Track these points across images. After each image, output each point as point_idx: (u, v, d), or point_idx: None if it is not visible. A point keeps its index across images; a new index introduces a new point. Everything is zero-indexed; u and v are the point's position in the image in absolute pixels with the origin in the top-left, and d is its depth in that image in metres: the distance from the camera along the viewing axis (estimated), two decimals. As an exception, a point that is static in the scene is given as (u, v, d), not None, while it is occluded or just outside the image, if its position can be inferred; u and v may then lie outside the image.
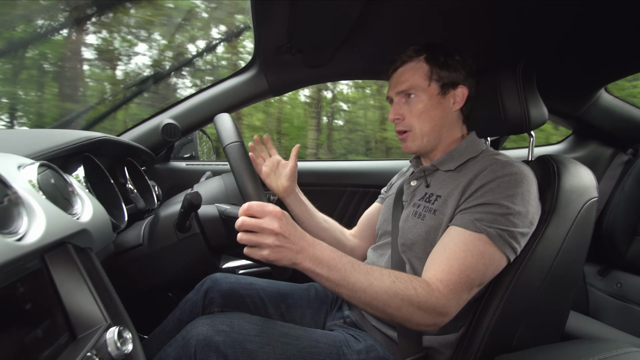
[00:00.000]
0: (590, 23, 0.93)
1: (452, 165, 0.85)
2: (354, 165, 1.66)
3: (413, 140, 0.88)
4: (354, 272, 0.65)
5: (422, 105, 0.86)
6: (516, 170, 0.75)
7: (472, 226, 0.71)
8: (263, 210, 0.62)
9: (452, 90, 0.87)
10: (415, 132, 0.87)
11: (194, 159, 1.65)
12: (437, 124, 0.87)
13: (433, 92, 0.86)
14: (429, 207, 0.82)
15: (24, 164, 0.57)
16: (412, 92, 0.86)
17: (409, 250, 0.83)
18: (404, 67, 0.88)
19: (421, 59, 0.86)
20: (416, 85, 0.85)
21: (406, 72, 0.87)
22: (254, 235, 0.61)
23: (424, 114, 0.86)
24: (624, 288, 1.37)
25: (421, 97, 0.86)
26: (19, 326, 0.41)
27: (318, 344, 0.77)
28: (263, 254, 0.62)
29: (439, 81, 0.85)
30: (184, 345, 0.69)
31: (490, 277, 0.74)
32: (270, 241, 0.61)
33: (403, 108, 0.88)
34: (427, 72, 0.85)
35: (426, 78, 0.85)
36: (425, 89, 0.85)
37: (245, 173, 0.68)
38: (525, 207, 0.73)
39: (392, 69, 0.90)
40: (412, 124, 0.87)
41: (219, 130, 0.74)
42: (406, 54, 0.88)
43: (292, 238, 0.62)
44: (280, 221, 0.61)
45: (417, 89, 0.85)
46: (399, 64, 0.89)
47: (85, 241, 0.58)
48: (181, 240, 0.83)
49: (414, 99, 0.86)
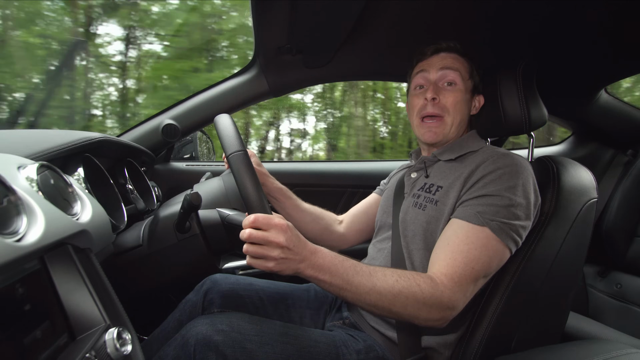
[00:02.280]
0: (590, 23, 0.93)
1: (452, 155, 0.86)
2: (354, 165, 1.66)
3: (443, 127, 0.88)
4: (356, 275, 0.66)
5: (461, 95, 0.87)
6: (516, 162, 0.76)
7: (474, 219, 0.72)
8: (269, 223, 0.62)
9: (476, 96, 0.91)
10: (447, 119, 0.87)
11: (193, 159, 1.65)
12: (463, 119, 0.89)
13: (468, 88, 0.89)
14: (430, 198, 0.82)
15: (24, 164, 0.57)
16: (454, 79, 0.87)
17: (410, 243, 0.83)
18: (449, 54, 0.89)
19: (463, 54, 0.89)
20: (463, 73, 0.87)
21: (450, 58, 0.88)
22: (259, 248, 0.61)
23: (459, 104, 0.87)
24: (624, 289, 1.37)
25: (460, 87, 0.87)
26: (18, 327, 0.41)
27: (317, 344, 0.77)
28: (268, 265, 0.62)
29: (472, 82, 0.89)
30: (183, 344, 0.69)
31: (495, 269, 0.74)
32: (276, 254, 0.61)
33: (441, 92, 0.87)
34: (469, 68, 0.89)
35: (468, 72, 0.88)
36: (465, 81, 0.88)
37: (250, 183, 0.67)
38: (527, 199, 0.73)
39: (435, 49, 0.90)
40: (448, 108, 0.87)
41: (221, 136, 0.73)
42: (450, 42, 0.89)
43: (296, 249, 0.63)
44: (285, 234, 0.61)
45: (460, 78, 0.87)
46: (444, 47, 0.89)
47: (84, 242, 0.58)
48: (181, 241, 0.83)
49: (454, 87, 0.87)
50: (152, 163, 1.39)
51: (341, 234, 1.09)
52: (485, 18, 0.96)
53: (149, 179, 1.17)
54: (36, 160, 0.60)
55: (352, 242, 1.11)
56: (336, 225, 1.10)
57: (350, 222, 1.11)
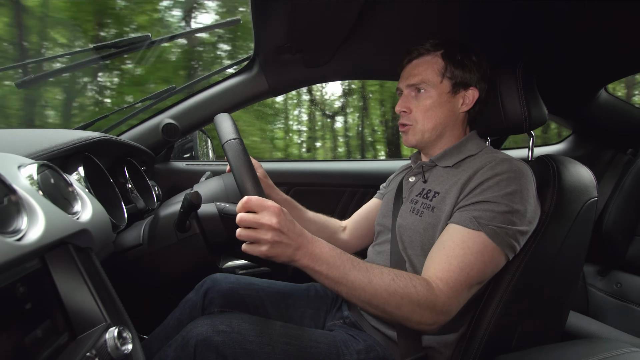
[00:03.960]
0: (590, 23, 0.93)
1: (450, 161, 0.85)
2: (354, 165, 1.66)
3: (413, 134, 0.88)
4: (353, 269, 0.65)
5: (431, 101, 0.85)
6: (515, 168, 0.75)
7: (471, 224, 0.71)
8: (261, 205, 0.61)
9: (462, 91, 0.86)
10: (417, 127, 0.87)
11: (194, 159, 1.65)
12: (441, 122, 0.87)
13: (443, 90, 0.85)
14: (426, 204, 0.82)
15: (24, 163, 0.57)
16: (423, 87, 0.85)
17: (408, 248, 0.83)
18: (419, 59, 0.87)
19: (438, 54, 0.86)
20: (428, 80, 0.85)
21: (420, 65, 0.86)
22: (252, 231, 0.61)
23: (431, 110, 0.86)
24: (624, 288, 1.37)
25: (430, 93, 0.85)
26: (19, 326, 0.41)
27: (318, 344, 0.77)
28: (261, 249, 0.61)
29: (451, 79, 0.85)
30: (183, 345, 0.69)
31: (489, 275, 0.74)
32: (269, 237, 0.60)
33: (411, 102, 0.88)
34: (442, 68, 0.85)
35: (439, 74, 0.85)
36: (437, 85, 0.85)
37: (244, 169, 0.68)
38: (524, 206, 0.72)
39: (407, 59, 0.89)
40: (416, 118, 0.87)
41: (218, 129, 0.74)
42: (424, 46, 0.87)
43: (291, 234, 0.62)
44: (278, 217, 0.61)
45: (428, 84, 0.85)
46: (414, 55, 0.88)
47: (85, 241, 0.58)
48: (181, 241, 0.83)
49: (423, 94, 0.86)
50: (152, 162, 1.39)
51: (345, 240, 1.09)
52: (486, 18, 0.96)
53: (149, 179, 1.17)
54: (36, 160, 0.60)
55: (355, 248, 1.11)
56: (340, 233, 1.10)
57: (353, 228, 1.12)
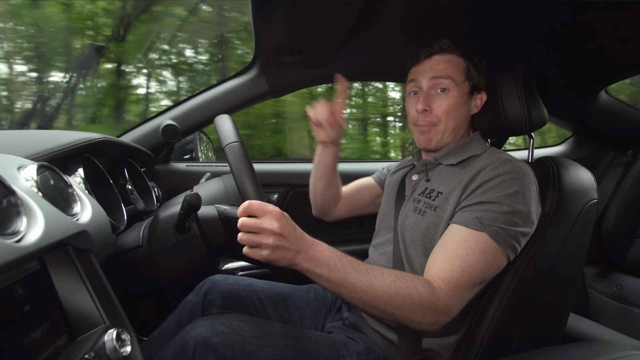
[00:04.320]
0: (590, 24, 0.93)
1: (454, 160, 0.85)
2: (353, 166, 1.66)
3: (436, 134, 0.87)
4: (353, 271, 0.65)
5: (454, 101, 0.84)
6: (517, 169, 0.75)
7: (472, 224, 0.71)
8: (263, 209, 0.61)
9: (476, 94, 0.87)
10: (440, 127, 0.86)
11: (194, 160, 1.65)
12: (460, 124, 0.87)
13: (464, 91, 0.85)
14: (429, 203, 0.82)
15: (24, 164, 0.57)
16: (447, 85, 0.84)
17: (409, 247, 0.83)
18: (442, 56, 0.85)
19: (459, 53, 0.85)
20: (455, 77, 0.84)
21: (444, 61, 0.85)
22: (253, 236, 0.61)
23: (453, 110, 0.85)
24: (624, 290, 1.37)
25: (454, 93, 0.84)
26: (18, 328, 0.41)
27: (317, 346, 0.77)
28: (262, 254, 0.61)
29: (470, 81, 0.85)
30: (182, 346, 0.69)
31: (491, 275, 0.74)
32: (270, 241, 0.60)
33: (433, 100, 0.85)
34: (465, 68, 0.85)
35: (463, 75, 0.84)
36: (460, 85, 0.84)
37: (245, 173, 0.68)
38: (527, 206, 0.72)
39: (427, 53, 0.86)
40: (439, 118, 0.85)
41: (218, 131, 0.74)
42: (443, 42, 0.85)
43: (292, 238, 0.62)
44: (280, 221, 0.61)
45: (453, 83, 0.84)
46: (436, 50, 0.85)
47: (84, 242, 0.58)
48: (181, 242, 0.82)
49: (447, 94, 0.84)
50: (152, 164, 1.39)
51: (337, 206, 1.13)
52: (487, 19, 0.96)
53: (149, 180, 1.17)
54: (36, 161, 0.60)
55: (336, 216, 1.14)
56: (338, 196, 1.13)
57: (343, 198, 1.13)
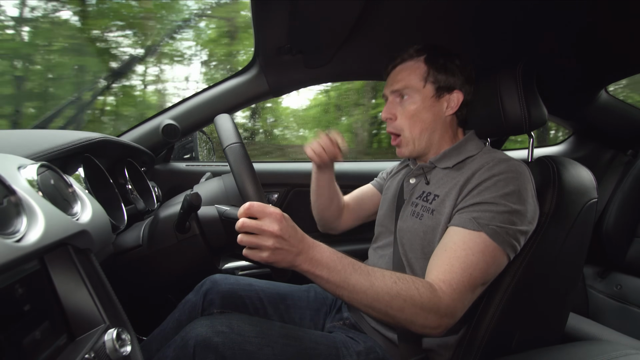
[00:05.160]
0: (590, 24, 0.93)
1: (449, 162, 0.85)
2: (352, 166, 1.66)
3: (406, 145, 0.89)
4: (354, 273, 0.64)
5: (415, 107, 0.86)
6: (512, 168, 0.75)
7: (470, 225, 0.71)
8: (263, 211, 0.61)
9: (447, 95, 0.86)
10: (406, 136, 0.88)
11: (194, 159, 1.65)
12: (427, 128, 0.87)
13: (427, 94, 0.86)
14: (427, 207, 0.82)
15: (24, 164, 0.57)
16: (406, 93, 0.86)
17: (408, 251, 0.83)
18: (402, 65, 0.88)
19: (421, 59, 0.86)
20: (411, 85, 0.86)
21: (403, 71, 0.87)
22: (254, 237, 0.61)
23: (415, 116, 0.86)
24: (624, 290, 1.37)
25: (414, 99, 0.86)
26: (18, 327, 0.41)
27: (317, 346, 0.77)
28: (262, 256, 0.61)
29: (434, 84, 0.85)
30: (182, 346, 0.69)
31: (493, 276, 0.73)
32: (270, 243, 0.60)
33: (396, 108, 0.88)
34: (424, 73, 0.85)
35: (422, 79, 0.85)
36: (420, 90, 0.85)
37: (246, 174, 0.68)
38: (523, 205, 0.72)
39: (391, 66, 0.91)
40: (402, 126, 0.88)
41: (219, 131, 0.74)
42: (407, 52, 0.88)
43: (292, 240, 0.61)
44: (280, 223, 0.60)
45: (412, 90, 0.86)
46: (398, 61, 0.89)
47: (84, 242, 0.58)
48: (181, 242, 0.83)
49: (407, 100, 0.87)
50: (152, 163, 1.39)
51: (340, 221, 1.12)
52: (486, 18, 0.96)
53: (149, 179, 1.17)
54: (36, 161, 0.60)
55: (342, 229, 1.14)
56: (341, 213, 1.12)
57: (346, 212, 1.13)
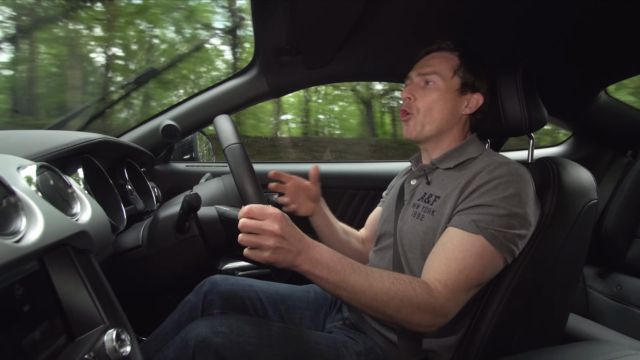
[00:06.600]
0: (590, 25, 0.93)
1: (451, 163, 0.85)
2: (354, 166, 1.66)
3: (414, 124, 0.89)
4: (353, 273, 0.65)
5: (437, 94, 0.86)
6: (513, 171, 0.75)
7: (469, 227, 0.71)
8: (263, 212, 0.61)
9: (469, 94, 0.88)
10: (418, 117, 0.88)
11: (193, 160, 1.65)
12: (442, 118, 0.87)
13: (452, 87, 0.87)
14: (427, 208, 0.82)
15: (24, 165, 0.57)
16: (432, 80, 0.87)
17: (407, 252, 0.83)
18: (437, 53, 0.89)
19: (456, 53, 0.88)
20: (440, 72, 0.86)
21: (436, 57, 0.88)
22: (254, 237, 0.61)
23: (435, 103, 0.86)
24: (624, 290, 1.37)
25: (438, 85, 0.86)
26: (17, 328, 0.41)
27: (317, 346, 0.77)
28: (263, 255, 0.61)
29: (462, 79, 0.87)
30: (182, 346, 0.69)
31: (488, 278, 0.74)
32: (271, 243, 0.60)
33: (418, 90, 0.89)
34: (456, 66, 0.87)
35: (452, 70, 0.87)
36: (447, 80, 0.86)
37: (245, 175, 0.68)
38: (523, 209, 0.72)
39: (425, 51, 0.92)
40: (418, 108, 0.88)
41: (218, 132, 0.74)
42: (444, 42, 0.89)
43: (292, 240, 0.62)
44: (280, 223, 0.61)
45: (439, 77, 0.86)
46: (434, 48, 0.90)
47: (84, 243, 0.58)
48: (180, 242, 0.82)
49: (431, 86, 0.87)
50: (152, 164, 1.39)
51: (360, 250, 1.10)
52: (486, 18, 0.96)
53: (148, 180, 1.17)
54: (36, 161, 0.60)
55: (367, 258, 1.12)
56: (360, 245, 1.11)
57: (367, 240, 1.13)
